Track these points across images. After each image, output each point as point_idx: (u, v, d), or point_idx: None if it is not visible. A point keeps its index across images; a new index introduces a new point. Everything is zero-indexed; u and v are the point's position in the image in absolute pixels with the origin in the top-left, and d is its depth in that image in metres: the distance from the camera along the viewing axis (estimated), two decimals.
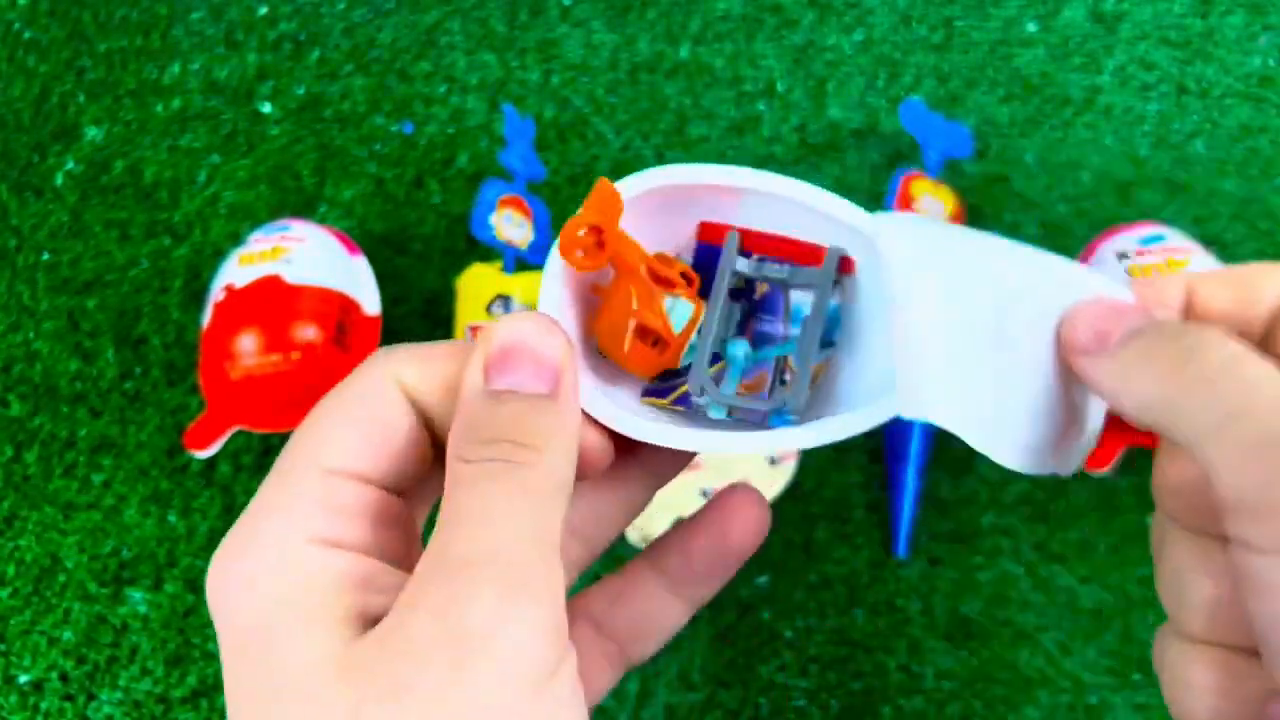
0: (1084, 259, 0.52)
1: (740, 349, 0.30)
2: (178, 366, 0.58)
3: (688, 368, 0.29)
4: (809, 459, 0.52)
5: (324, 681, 0.19)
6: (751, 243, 0.29)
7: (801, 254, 0.29)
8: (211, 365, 0.52)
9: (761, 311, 0.31)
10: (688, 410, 0.29)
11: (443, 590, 0.19)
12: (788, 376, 0.29)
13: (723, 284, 0.29)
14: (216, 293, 0.53)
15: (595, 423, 0.25)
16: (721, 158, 0.60)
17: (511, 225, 0.56)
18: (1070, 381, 0.26)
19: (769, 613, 0.51)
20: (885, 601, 0.51)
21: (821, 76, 0.64)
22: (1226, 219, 0.58)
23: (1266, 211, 0.58)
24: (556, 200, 0.61)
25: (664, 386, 0.30)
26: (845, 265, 0.29)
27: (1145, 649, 0.48)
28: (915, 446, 0.52)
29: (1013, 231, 0.59)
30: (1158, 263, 0.49)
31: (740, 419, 0.29)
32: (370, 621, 0.20)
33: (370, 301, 0.54)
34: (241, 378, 0.51)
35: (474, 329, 0.54)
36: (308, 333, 0.51)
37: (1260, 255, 0.57)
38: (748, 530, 0.28)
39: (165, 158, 0.65)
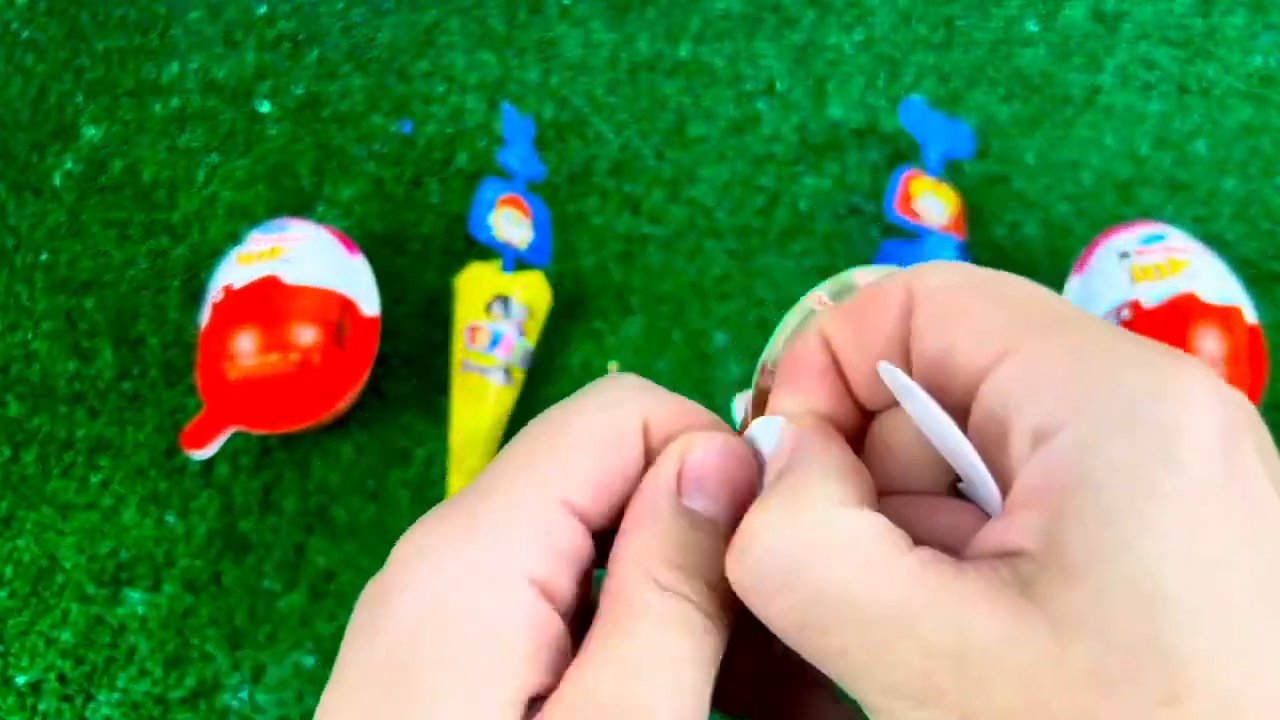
0: (1084, 258, 0.52)
1: None
2: (176, 367, 0.58)
3: None
4: None
5: None
6: None
7: None
8: (210, 366, 0.51)
9: None
10: None
11: None
12: None
13: None
14: (215, 293, 0.53)
15: None
16: (721, 157, 0.60)
17: (511, 224, 0.56)
18: None
19: None
20: None
21: (822, 75, 0.64)
22: (1227, 218, 0.58)
23: (1267, 211, 0.58)
24: (556, 199, 0.61)
25: None
26: None
27: None
28: None
29: (1013, 231, 0.58)
30: (1159, 262, 0.49)
31: None
32: (524, 704, 0.18)
33: (369, 301, 0.54)
34: (240, 378, 0.51)
35: (473, 329, 0.54)
36: (306, 333, 0.51)
37: (1261, 254, 0.56)
38: None
39: (163, 157, 0.65)
